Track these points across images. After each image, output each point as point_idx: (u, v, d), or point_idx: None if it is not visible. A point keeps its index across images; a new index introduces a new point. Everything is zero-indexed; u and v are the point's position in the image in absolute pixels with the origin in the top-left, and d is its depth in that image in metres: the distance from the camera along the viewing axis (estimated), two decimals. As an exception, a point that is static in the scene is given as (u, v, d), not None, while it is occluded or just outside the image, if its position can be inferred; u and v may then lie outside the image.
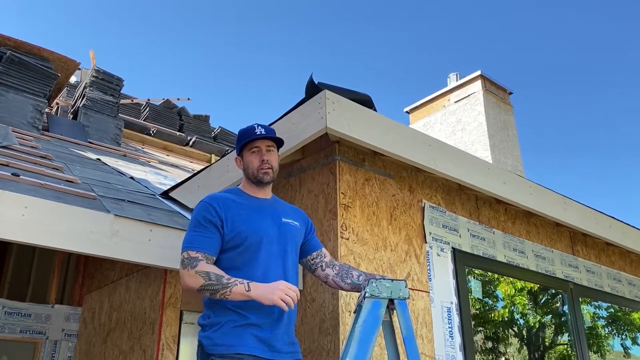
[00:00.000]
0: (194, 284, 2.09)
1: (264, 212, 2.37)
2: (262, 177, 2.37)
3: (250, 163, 2.39)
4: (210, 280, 2.07)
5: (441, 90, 11.12)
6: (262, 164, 2.37)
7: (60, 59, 7.22)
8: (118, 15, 72.84)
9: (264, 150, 2.40)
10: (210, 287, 2.07)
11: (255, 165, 2.37)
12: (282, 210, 2.44)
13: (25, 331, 4.15)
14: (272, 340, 2.18)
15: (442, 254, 3.41)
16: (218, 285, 2.07)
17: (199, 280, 2.08)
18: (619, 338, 5.15)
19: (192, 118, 10.24)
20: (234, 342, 2.12)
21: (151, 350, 2.99)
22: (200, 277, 2.08)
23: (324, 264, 2.47)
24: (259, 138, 2.39)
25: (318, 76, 2.86)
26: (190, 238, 2.21)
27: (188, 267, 2.12)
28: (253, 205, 2.37)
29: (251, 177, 2.40)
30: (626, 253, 5.23)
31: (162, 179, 5.32)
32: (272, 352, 2.16)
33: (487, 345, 3.89)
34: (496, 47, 58.76)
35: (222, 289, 2.06)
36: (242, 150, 2.44)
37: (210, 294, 2.08)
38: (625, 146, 46.31)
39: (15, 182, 2.84)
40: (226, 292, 2.07)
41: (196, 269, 2.10)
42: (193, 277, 2.10)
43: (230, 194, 2.38)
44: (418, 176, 3.51)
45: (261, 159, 2.37)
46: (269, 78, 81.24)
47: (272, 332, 2.19)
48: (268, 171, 2.37)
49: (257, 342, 2.14)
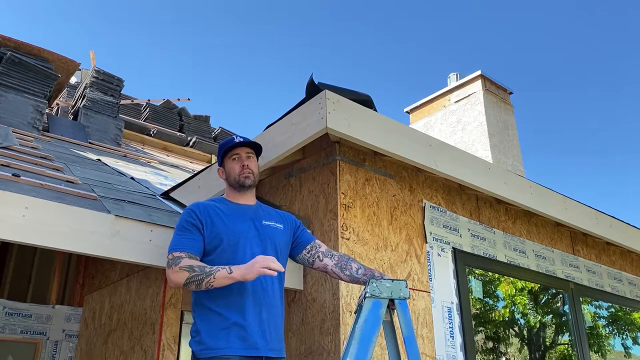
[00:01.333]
0: (180, 279, 2.18)
1: (245, 215, 2.46)
2: (243, 181, 2.49)
3: (231, 170, 2.52)
4: (194, 272, 2.16)
5: (441, 90, 11.12)
6: (243, 169, 2.51)
7: (60, 60, 7.22)
8: (118, 16, 72.81)
9: (244, 156, 2.54)
10: (195, 278, 2.15)
11: (237, 171, 2.51)
12: (264, 214, 2.53)
13: (26, 332, 4.15)
14: (256, 339, 2.22)
15: (442, 254, 3.41)
16: (202, 274, 2.15)
17: (183, 275, 2.17)
18: (620, 338, 5.14)
19: (192, 118, 10.24)
20: (221, 344, 2.19)
21: (152, 351, 2.99)
22: (185, 271, 2.17)
23: (321, 254, 2.52)
24: (238, 145, 2.54)
25: (318, 76, 2.87)
26: (174, 241, 2.32)
27: (172, 266, 2.21)
28: (234, 211, 2.46)
29: (233, 183, 2.52)
30: (627, 253, 5.22)
31: (162, 179, 5.32)
32: (257, 350, 2.22)
33: (488, 345, 3.89)
34: (496, 47, 58.74)
35: (206, 277, 2.14)
36: (222, 160, 2.57)
37: (196, 285, 2.16)
38: (625, 145, 46.30)
39: (15, 182, 2.84)
40: (210, 280, 2.14)
41: (179, 265, 2.19)
42: (177, 272, 2.18)
43: (214, 202, 2.49)
44: (418, 176, 3.50)
45: (242, 165, 2.52)
46: (269, 78, 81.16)
47: (256, 330, 2.23)
48: (249, 175, 2.50)
49: (241, 342, 2.20)
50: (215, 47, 75.73)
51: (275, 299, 2.37)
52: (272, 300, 2.34)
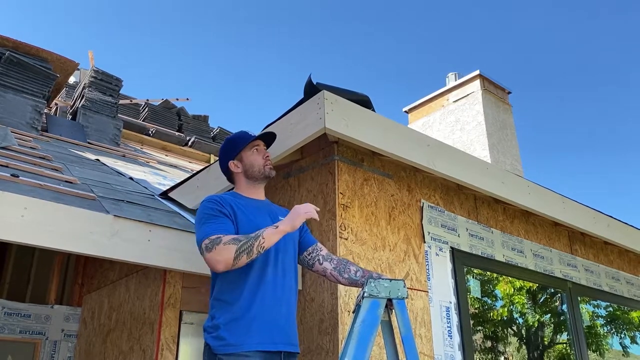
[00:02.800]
0: (228, 254, 2.06)
1: (262, 210, 2.46)
2: (269, 172, 2.52)
3: (255, 161, 2.51)
4: (241, 241, 2.08)
5: (440, 90, 11.12)
6: (266, 161, 2.53)
7: (59, 60, 7.21)
8: (117, 15, 72.71)
9: (264, 148, 2.56)
10: (244, 246, 2.07)
11: (261, 163, 2.51)
12: (277, 210, 2.56)
13: (25, 332, 4.15)
14: (276, 334, 2.22)
15: (440, 254, 3.42)
16: (249, 240, 2.09)
17: (230, 249, 2.07)
18: (618, 337, 5.16)
19: (191, 118, 10.24)
20: (241, 340, 2.14)
21: (151, 351, 3.00)
22: (231, 245, 2.07)
23: (321, 257, 2.52)
24: (257, 137, 2.54)
25: (317, 76, 2.87)
26: (205, 229, 2.19)
27: (214, 247, 2.09)
28: (251, 205, 2.45)
29: (257, 175, 2.50)
30: (625, 252, 5.24)
31: (161, 179, 5.32)
32: (276, 345, 2.20)
33: (486, 344, 3.90)
34: (495, 47, 58.74)
35: (255, 241, 2.08)
36: (239, 153, 2.53)
37: (247, 254, 2.07)
38: (624, 145, 46.32)
39: (14, 182, 2.84)
40: (260, 242, 2.09)
41: (222, 242, 2.09)
42: (223, 250, 2.07)
43: (229, 196, 2.44)
44: (417, 176, 3.51)
45: (264, 157, 2.53)
46: (267, 78, 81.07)
47: (276, 325, 2.23)
48: (272, 167, 2.54)
49: (261, 337, 2.17)
50: (214, 47, 75.71)
51: (292, 294, 2.38)
52: (290, 295, 2.36)
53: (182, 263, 2.71)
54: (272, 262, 2.31)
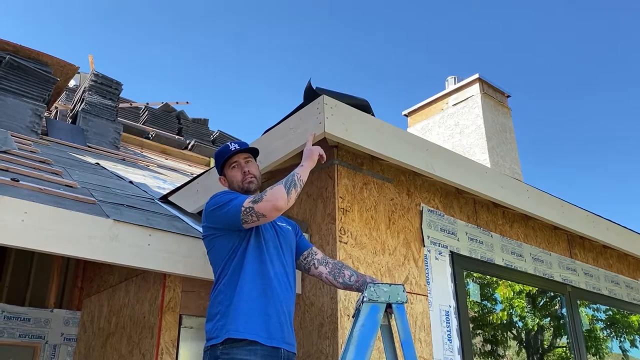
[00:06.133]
0: (281, 192, 2.23)
1: None
2: (248, 187, 2.53)
3: (233, 178, 2.56)
4: (281, 182, 2.27)
5: (439, 94, 11.14)
6: (245, 176, 2.55)
7: (59, 63, 7.23)
8: (117, 19, 72.79)
9: (243, 162, 2.58)
10: (288, 182, 2.27)
11: (239, 178, 2.55)
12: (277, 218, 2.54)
13: (25, 335, 4.15)
14: (277, 331, 2.24)
15: (440, 258, 3.42)
16: (289, 177, 2.29)
17: (279, 187, 2.24)
18: (618, 340, 5.15)
19: (190, 121, 10.25)
20: (246, 328, 2.17)
21: (150, 355, 2.99)
22: (277, 185, 2.25)
23: (316, 261, 2.55)
24: (235, 153, 2.57)
25: (316, 80, 2.89)
26: (236, 202, 2.29)
27: (262, 196, 2.23)
28: None
29: (237, 190, 2.54)
30: (624, 256, 5.24)
31: (161, 182, 5.32)
32: (276, 341, 2.23)
33: (486, 348, 3.90)
34: (494, 50, 58.83)
35: (293, 177, 2.30)
36: (222, 169, 2.61)
37: (294, 187, 2.27)
38: (623, 149, 46.37)
39: (14, 187, 2.84)
40: (298, 176, 2.32)
41: (268, 189, 2.26)
42: (274, 191, 2.23)
43: None
44: (416, 180, 3.52)
45: (243, 171, 2.55)
46: (267, 82, 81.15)
47: (278, 322, 2.25)
48: (252, 180, 2.55)
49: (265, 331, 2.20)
50: (214, 51, 75.82)
51: (293, 295, 2.43)
52: (291, 296, 2.40)
53: (182, 267, 2.71)
54: (274, 260, 2.37)
